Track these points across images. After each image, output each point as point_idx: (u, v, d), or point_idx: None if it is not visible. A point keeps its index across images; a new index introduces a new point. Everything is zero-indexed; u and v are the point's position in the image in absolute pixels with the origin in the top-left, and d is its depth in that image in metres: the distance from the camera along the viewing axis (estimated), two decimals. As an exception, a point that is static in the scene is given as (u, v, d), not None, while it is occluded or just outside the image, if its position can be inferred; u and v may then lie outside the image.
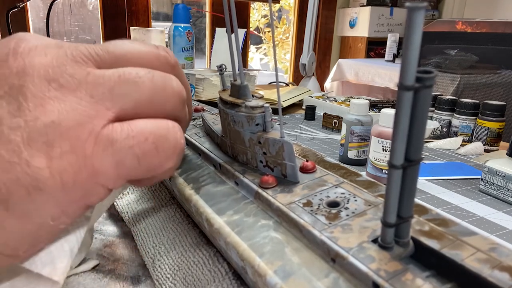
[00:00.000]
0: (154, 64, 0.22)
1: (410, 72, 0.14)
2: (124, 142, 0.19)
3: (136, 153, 0.20)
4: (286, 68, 3.02)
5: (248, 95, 0.27)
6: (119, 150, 0.19)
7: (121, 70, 0.20)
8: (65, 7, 1.98)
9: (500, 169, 0.48)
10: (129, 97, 0.20)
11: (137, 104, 0.20)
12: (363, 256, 0.18)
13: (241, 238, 0.22)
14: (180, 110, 0.23)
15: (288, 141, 0.25)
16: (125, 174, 0.20)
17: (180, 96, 0.22)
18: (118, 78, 0.20)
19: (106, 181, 0.20)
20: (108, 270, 0.31)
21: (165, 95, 0.21)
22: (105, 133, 0.19)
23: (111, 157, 0.19)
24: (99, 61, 0.20)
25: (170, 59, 0.23)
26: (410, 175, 0.17)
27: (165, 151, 0.21)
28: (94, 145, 0.19)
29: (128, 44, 0.22)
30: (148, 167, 0.20)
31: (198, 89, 0.95)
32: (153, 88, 0.21)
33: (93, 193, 0.20)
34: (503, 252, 0.17)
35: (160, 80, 0.21)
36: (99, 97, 0.19)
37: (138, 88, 0.20)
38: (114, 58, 0.21)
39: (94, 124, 0.19)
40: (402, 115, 0.15)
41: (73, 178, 0.18)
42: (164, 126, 0.21)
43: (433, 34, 1.25)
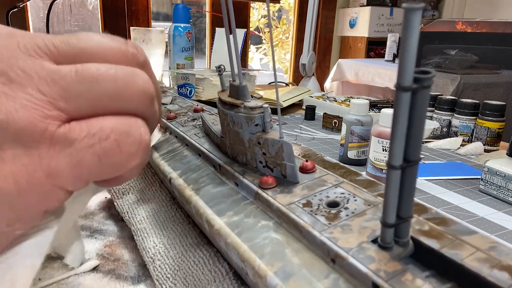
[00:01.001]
0: (120, 61, 0.20)
1: (408, 73, 0.14)
2: (84, 142, 0.18)
3: (96, 152, 0.18)
4: (286, 68, 3.02)
5: (247, 96, 0.27)
6: (78, 150, 0.18)
7: (79, 66, 0.18)
8: (65, 7, 1.98)
9: (500, 169, 0.48)
10: (86, 96, 0.18)
11: (96, 103, 0.18)
12: (362, 257, 0.18)
13: (241, 239, 0.22)
14: (147, 107, 0.21)
15: (287, 141, 0.25)
16: (86, 175, 0.19)
17: (146, 93, 0.20)
18: (75, 75, 0.18)
19: (65, 183, 0.18)
20: (108, 270, 0.31)
21: (128, 93, 0.19)
22: (61, 133, 0.17)
23: (69, 158, 0.18)
24: (57, 54, 0.18)
25: (139, 56, 0.21)
26: (409, 175, 0.17)
27: (128, 149, 0.19)
28: (49, 145, 0.17)
29: (93, 38, 0.20)
30: (111, 166, 0.19)
31: (198, 89, 0.95)
32: (114, 85, 0.19)
33: (51, 197, 0.18)
34: (503, 251, 0.17)
35: (123, 77, 0.19)
36: (52, 95, 0.17)
37: (97, 85, 0.18)
38: (75, 52, 0.19)
39: (48, 123, 0.17)
40: (400, 115, 0.15)
41: (28, 181, 0.17)
42: (126, 122, 0.19)
43: (433, 34, 1.25)
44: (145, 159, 0.21)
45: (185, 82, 0.93)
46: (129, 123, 0.19)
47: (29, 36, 0.18)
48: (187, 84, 0.93)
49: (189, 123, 0.42)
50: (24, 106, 0.17)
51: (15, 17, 1.54)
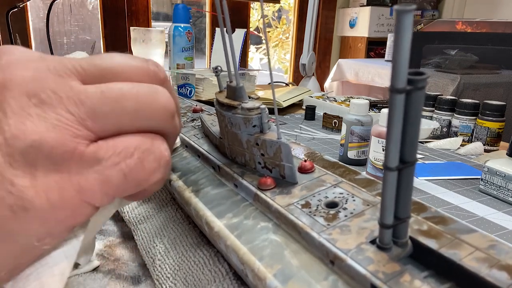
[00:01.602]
0: (142, 79, 0.21)
1: (401, 74, 0.14)
2: (110, 160, 0.19)
3: (122, 169, 0.19)
4: (286, 68, 3.02)
5: (244, 97, 0.27)
6: (106, 168, 0.19)
7: (104, 87, 0.19)
8: (65, 7, 1.98)
9: (500, 169, 0.48)
10: (111, 116, 0.19)
11: (120, 122, 0.20)
12: (361, 258, 0.18)
13: (241, 241, 0.22)
14: (167, 124, 0.22)
15: (285, 142, 0.25)
16: (112, 191, 0.20)
17: (168, 110, 0.21)
18: (101, 95, 0.19)
19: (93, 199, 0.19)
20: (108, 270, 0.31)
21: (150, 111, 0.21)
22: (91, 152, 0.19)
23: (97, 175, 0.19)
24: (84, 74, 0.20)
25: (160, 74, 0.22)
26: (406, 176, 0.17)
27: (150, 165, 0.20)
28: (79, 163, 0.18)
29: (116, 58, 0.21)
30: (135, 182, 0.20)
31: (198, 89, 0.95)
32: (137, 104, 0.20)
33: (80, 212, 0.19)
34: (502, 250, 0.17)
35: (145, 95, 0.20)
36: (80, 115, 0.18)
37: (121, 105, 0.19)
38: (100, 72, 0.20)
39: (77, 142, 0.18)
40: (395, 117, 0.15)
41: (60, 196, 0.18)
42: (148, 140, 0.20)
43: (433, 34, 1.25)
44: (166, 174, 0.22)
45: (185, 82, 0.93)
46: (151, 141, 0.21)
47: (58, 59, 0.20)
48: (187, 84, 0.93)
49: (188, 124, 0.42)
50: (55, 127, 0.18)
51: (15, 17, 1.54)
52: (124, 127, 0.20)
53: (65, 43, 2.09)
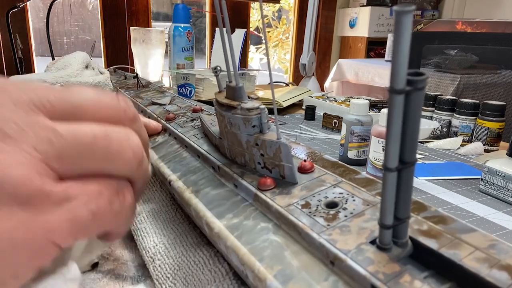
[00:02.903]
0: (113, 117, 0.21)
1: (401, 75, 0.14)
2: (81, 199, 0.18)
3: (92, 209, 0.19)
4: (286, 68, 3.02)
5: (243, 97, 0.27)
6: (75, 207, 0.18)
7: (77, 129, 0.18)
8: (65, 7, 1.98)
9: (500, 169, 0.47)
10: (80, 159, 0.18)
11: (87, 167, 0.19)
12: (361, 259, 0.18)
13: (241, 242, 0.22)
14: (135, 170, 0.21)
15: (285, 142, 0.25)
16: (79, 231, 0.19)
17: (136, 157, 0.21)
18: (72, 138, 0.18)
19: (59, 238, 0.18)
20: (107, 270, 0.31)
21: (119, 158, 0.20)
22: (60, 190, 0.18)
23: (66, 214, 0.18)
24: (51, 110, 0.18)
25: (129, 112, 0.22)
26: (405, 176, 0.17)
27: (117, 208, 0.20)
28: (46, 201, 0.17)
29: (87, 93, 0.20)
30: (102, 223, 0.20)
31: (198, 89, 0.95)
32: (107, 151, 0.19)
33: (45, 253, 0.18)
34: (502, 249, 0.17)
35: (117, 143, 0.20)
36: (47, 155, 0.17)
37: (91, 151, 0.19)
38: (69, 108, 0.19)
39: (44, 181, 0.17)
40: (395, 118, 0.15)
41: (25, 236, 0.17)
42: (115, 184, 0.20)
43: (433, 34, 1.25)
44: (131, 219, 0.22)
45: (185, 82, 0.93)
46: (116, 185, 0.20)
47: (22, 90, 0.18)
48: (187, 84, 0.93)
49: (188, 124, 0.42)
50: (20, 163, 0.17)
51: (15, 17, 1.54)
52: (90, 171, 0.19)
53: (65, 43, 2.09)
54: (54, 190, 0.17)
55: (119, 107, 0.21)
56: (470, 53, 1.28)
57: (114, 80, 0.81)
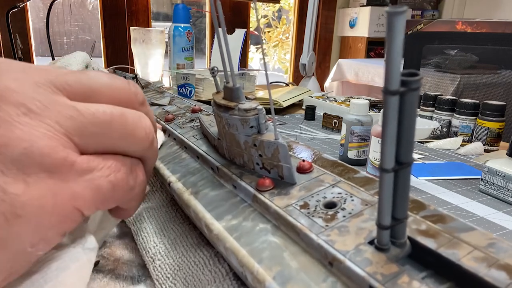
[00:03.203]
0: (125, 100, 0.22)
1: (394, 76, 0.14)
2: (102, 171, 0.20)
3: (112, 181, 0.20)
4: (286, 68, 3.02)
5: (241, 98, 0.27)
6: (97, 178, 0.20)
7: (95, 108, 0.20)
8: (65, 7, 1.98)
9: (500, 169, 0.47)
10: (98, 137, 0.20)
11: (104, 144, 0.20)
12: (359, 259, 0.18)
13: (240, 243, 0.22)
14: (146, 150, 0.23)
15: (282, 143, 0.25)
16: (100, 201, 0.20)
17: (148, 137, 0.23)
18: (92, 116, 0.20)
19: (83, 206, 0.20)
20: (108, 270, 0.31)
21: (133, 137, 0.22)
22: (82, 161, 0.19)
23: (89, 183, 0.19)
24: (70, 91, 0.20)
25: (139, 95, 0.24)
26: (402, 177, 0.17)
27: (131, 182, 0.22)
28: (71, 171, 0.19)
29: (102, 77, 0.22)
30: (120, 195, 0.21)
31: (198, 89, 0.95)
32: (123, 130, 0.21)
33: (71, 218, 0.20)
34: (501, 248, 0.17)
35: (132, 122, 0.21)
36: (68, 129, 0.19)
37: (109, 129, 0.20)
38: (87, 90, 0.21)
39: (68, 152, 0.19)
40: (390, 119, 0.15)
41: (52, 202, 0.18)
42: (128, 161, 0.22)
43: (433, 34, 1.25)
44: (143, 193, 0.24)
45: (185, 82, 0.93)
46: (131, 163, 0.22)
47: (43, 72, 0.20)
48: (187, 84, 0.93)
49: (187, 125, 0.42)
50: (44, 135, 0.18)
51: (15, 17, 1.54)
52: (106, 149, 0.21)
53: (65, 43, 2.09)
54: (78, 160, 0.19)
55: (131, 90, 0.23)
56: (470, 53, 1.28)
57: (114, 80, 0.81)
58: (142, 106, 0.23)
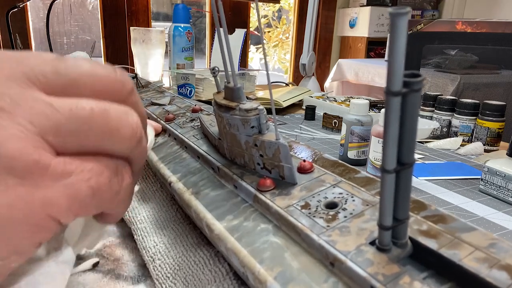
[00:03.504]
0: (110, 90, 0.20)
1: (397, 77, 0.14)
2: (82, 175, 0.18)
3: (92, 186, 0.18)
4: (286, 68, 3.02)
5: (242, 98, 0.27)
6: (76, 182, 0.18)
7: (74, 103, 0.18)
8: (65, 7, 1.98)
9: (500, 169, 0.47)
10: (76, 135, 0.18)
11: (84, 143, 0.18)
12: (361, 260, 0.18)
13: (241, 244, 0.22)
14: (134, 148, 0.21)
15: (283, 143, 0.25)
16: (79, 207, 0.18)
17: (136, 136, 0.20)
18: (69, 113, 0.17)
19: (59, 214, 0.18)
20: (108, 270, 0.31)
21: (117, 136, 0.19)
22: (58, 164, 0.17)
23: (65, 189, 0.17)
24: (46, 84, 0.18)
25: (127, 84, 0.21)
26: (404, 178, 0.17)
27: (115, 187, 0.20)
28: (44, 175, 0.17)
29: (83, 66, 0.19)
30: (101, 201, 0.19)
31: (198, 89, 0.95)
32: (105, 127, 0.19)
33: (45, 228, 0.18)
34: (502, 248, 0.17)
35: (115, 118, 0.19)
36: (42, 128, 0.17)
37: (88, 127, 0.18)
38: (65, 82, 0.18)
39: (40, 154, 0.17)
40: (392, 120, 0.15)
41: (24, 211, 0.17)
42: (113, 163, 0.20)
43: (433, 34, 1.25)
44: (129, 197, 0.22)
45: (185, 82, 0.93)
46: (116, 165, 0.20)
47: (16, 62, 0.18)
48: (187, 84, 0.93)
49: (187, 124, 0.42)
50: (14, 136, 0.16)
51: (15, 17, 1.54)
52: (87, 149, 0.19)
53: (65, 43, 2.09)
54: (52, 163, 0.17)
55: (117, 79, 0.20)
56: (470, 53, 1.28)
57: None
58: (130, 95, 0.21)
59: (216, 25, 0.25)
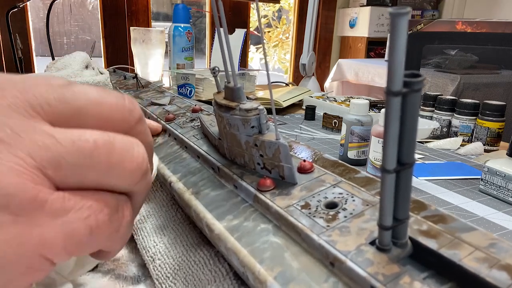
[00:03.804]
0: (117, 119, 0.19)
1: (397, 77, 0.14)
2: (80, 213, 0.17)
3: (90, 224, 0.17)
4: (286, 68, 3.02)
5: (242, 98, 0.27)
6: (73, 221, 0.17)
7: (76, 135, 0.17)
8: (65, 7, 1.98)
9: (500, 169, 0.47)
10: (78, 169, 0.17)
11: (85, 178, 0.17)
12: (361, 260, 0.18)
13: (241, 244, 0.22)
14: (137, 185, 0.19)
15: (284, 143, 0.25)
16: (75, 247, 0.17)
17: (141, 170, 0.19)
18: (71, 145, 0.17)
19: (53, 254, 0.17)
20: (108, 270, 0.31)
21: (121, 171, 0.18)
22: (56, 200, 0.16)
23: (62, 228, 0.16)
24: (50, 113, 0.17)
25: (136, 113, 0.20)
26: (404, 178, 0.17)
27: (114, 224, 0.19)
28: (41, 213, 0.16)
29: (91, 93, 0.18)
30: (98, 240, 0.18)
31: (198, 89, 0.95)
32: (109, 162, 0.18)
33: (38, 268, 0.17)
34: (502, 248, 0.17)
35: (120, 152, 0.18)
36: (42, 162, 0.16)
37: (91, 161, 0.17)
38: (70, 111, 0.18)
39: (39, 190, 0.16)
40: (392, 120, 0.15)
41: (16, 252, 0.16)
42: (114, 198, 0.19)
43: (433, 34, 1.25)
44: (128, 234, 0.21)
45: (185, 82, 0.93)
46: (116, 201, 0.19)
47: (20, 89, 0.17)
48: (187, 84, 0.93)
49: (187, 124, 0.42)
50: (12, 169, 0.15)
51: (15, 17, 1.54)
52: (88, 184, 0.18)
53: (65, 43, 2.09)
54: (50, 200, 0.16)
55: (124, 107, 0.19)
56: (470, 53, 1.28)
57: (113, 80, 0.81)
58: (138, 124, 0.20)
59: (216, 25, 0.25)
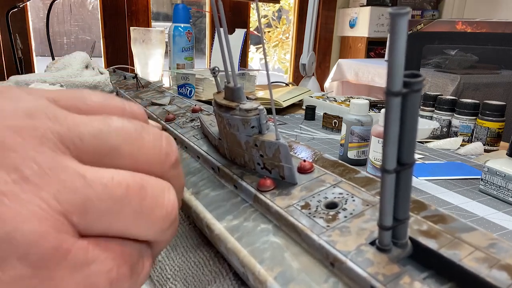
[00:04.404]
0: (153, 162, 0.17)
1: (397, 77, 0.14)
2: (103, 264, 0.15)
3: (111, 278, 0.15)
4: (286, 68, 3.02)
5: (242, 98, 0.27)
6: (95, 273, 0.15)
7: (109, 177, 0.15)
8: (65, 7, 1.98)
9: (500, 169, 0.47)
10: (105, 216, 0.15)
11: (114, 226, 0.16)
12: (361, 260, 0.18)
13: (241, 244, 0.22)
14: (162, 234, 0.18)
15: (284, 143, 0.25)
16: None
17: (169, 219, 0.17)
18: (102, 189, 0.15)
19: None
20: (107, 271, 0.31)
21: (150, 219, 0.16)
22: (80, 250, 0.14)
23: (82, 280, 0.15)
24: (81, 149, 0.15)
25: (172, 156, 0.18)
26: (404, 178, 0.17)
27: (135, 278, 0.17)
28: (62, 263, 0.14)
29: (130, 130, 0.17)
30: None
31: (198, 89, 0.95)
32: (140, 209, 0.16)
33: None
34: (502, 248, 0.17)
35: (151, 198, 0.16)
36: (69, 206, 0.14)
37: (122, 207, 0.15)
38: (104, 149, 0.16)
39: (62, 239, 0.14)
40: (392, 120, 0.15)
41: None
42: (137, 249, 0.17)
43: (433, 34, 1.25)
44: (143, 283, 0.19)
45: (185, 82, 0.93)
46: (139, 251, 0.17)
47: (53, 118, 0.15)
48: (187, 84, 0.93)
49: (187, 124, 0.42)
50: (34, 214, 0.13)
51: (15, 17, 1.54)
52: (113, 231, 0.16)
53: (65, 43, 2.09)
54: (73, 250, 0.14)
55: (161, 149, 0.18)
56: (470, 53, 1.28)
57: (113, 80, 0.81)
58: (173, 169, 0.18)
59: (216, 25, 0.25)
